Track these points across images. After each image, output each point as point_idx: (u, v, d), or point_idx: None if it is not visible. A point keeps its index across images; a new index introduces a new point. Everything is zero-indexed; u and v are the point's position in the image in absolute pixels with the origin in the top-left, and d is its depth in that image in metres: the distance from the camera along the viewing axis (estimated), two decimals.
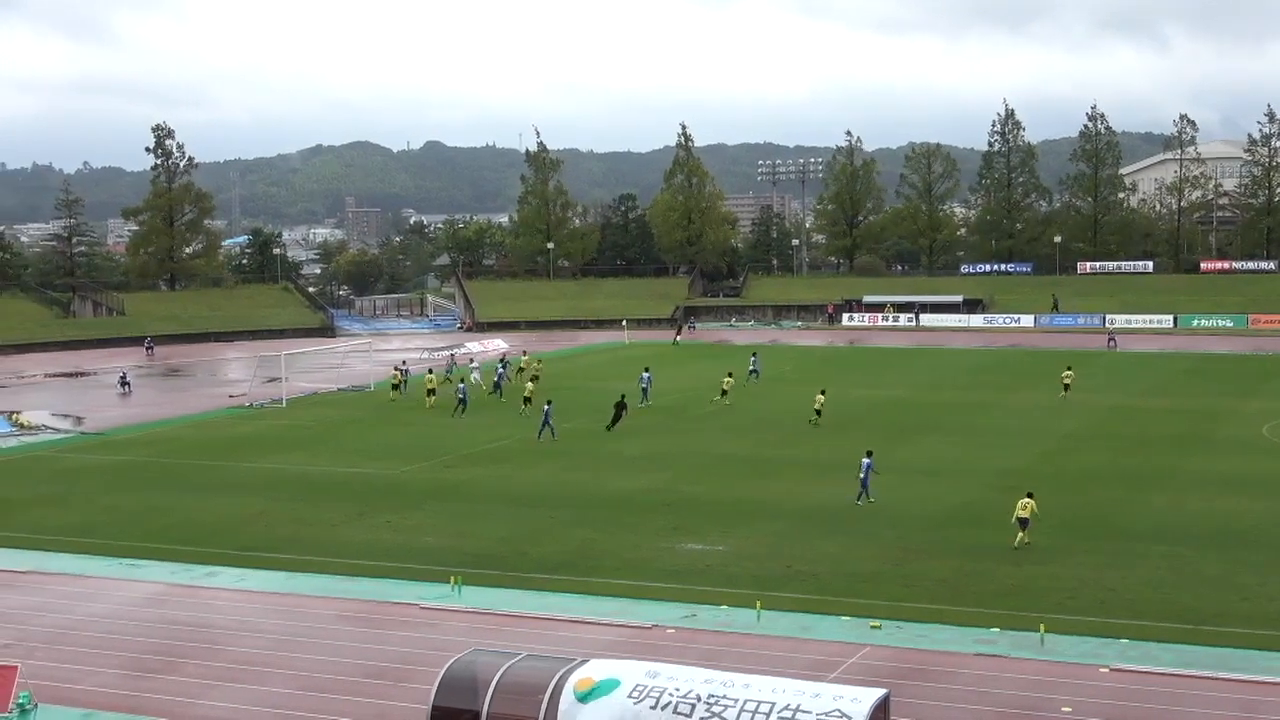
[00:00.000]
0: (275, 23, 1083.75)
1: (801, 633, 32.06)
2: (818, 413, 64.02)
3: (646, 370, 75.68)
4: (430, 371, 78.86)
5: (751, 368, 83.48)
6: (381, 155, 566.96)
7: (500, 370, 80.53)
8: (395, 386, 78.26)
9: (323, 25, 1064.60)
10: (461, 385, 73.39)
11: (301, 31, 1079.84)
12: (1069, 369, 76.11)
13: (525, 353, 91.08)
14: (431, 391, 74.56)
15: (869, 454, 46.66)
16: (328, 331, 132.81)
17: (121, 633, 32.97)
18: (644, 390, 73.13)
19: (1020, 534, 40.03)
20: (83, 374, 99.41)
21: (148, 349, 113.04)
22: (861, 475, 46.19)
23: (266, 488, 51.77)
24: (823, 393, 65.63)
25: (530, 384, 72.66)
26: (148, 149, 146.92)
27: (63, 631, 33.23)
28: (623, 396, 66.10)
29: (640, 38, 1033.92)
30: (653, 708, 22.23)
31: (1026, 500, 40.57)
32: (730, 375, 75.48)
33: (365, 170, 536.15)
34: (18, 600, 36.36)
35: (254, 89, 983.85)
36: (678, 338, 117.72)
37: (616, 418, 64.18)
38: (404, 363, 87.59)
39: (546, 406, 62.77)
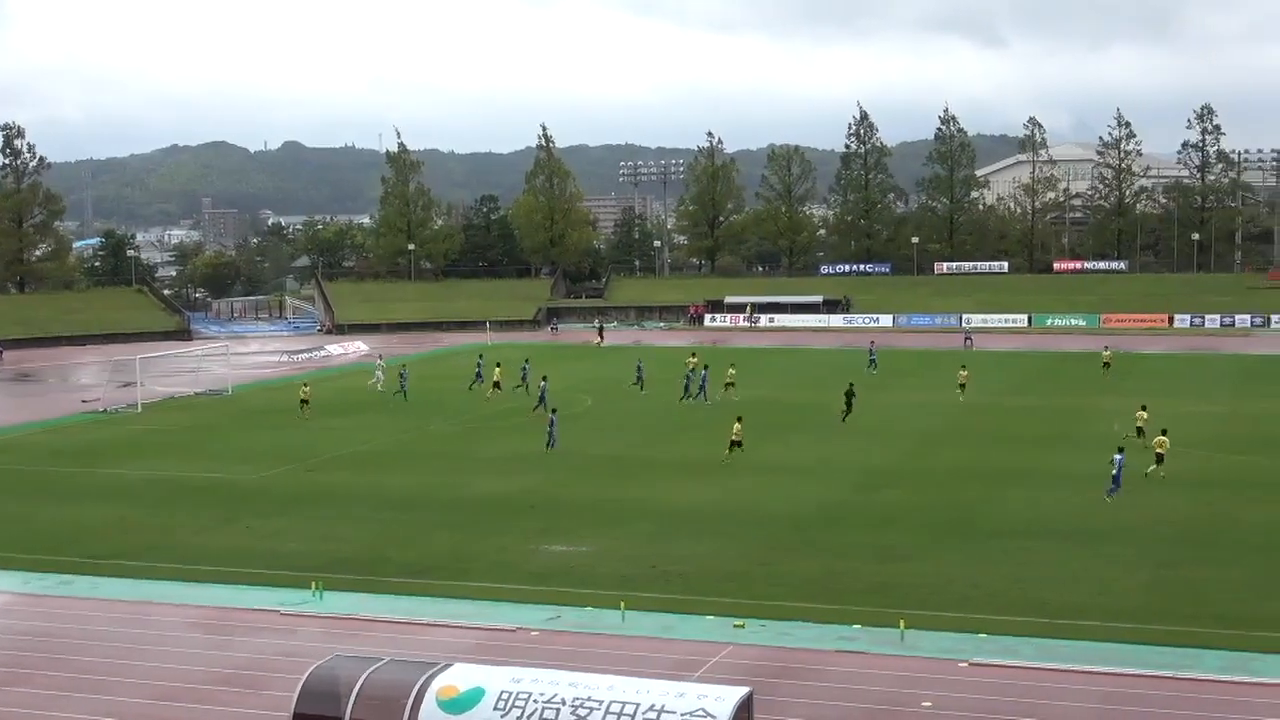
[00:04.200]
0: (111, 20, 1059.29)
1: (665, 632, 32.10)
2: (1140, 431, 57.89)
3: (705, 367, 76.97)
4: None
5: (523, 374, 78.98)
6: (239, 156, 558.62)
7: (524, 367, 79.71)
8: (304, 402, 71.58)
9: (165, 24, 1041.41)
10: (543, 383, 71.45)
11: (141, 30, 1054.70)
12: None
13: (694, 355, 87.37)
14: (305, 402, 71.17)
15: (1120, 450, 47.01)
16: (184, 335, 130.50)
17: None
18: (702, 387, 74.57)
19: (1154, 466, 48.16)
20: None
21: None
22: (1115, 471, 46.12)
23: (124, 494, 50.72)
24: (1144, 408, 59.63)
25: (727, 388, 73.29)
26: None
27: None
28: (851, 385, 67.60)
29: (495, 38, 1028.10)
30: (519, 718, 22.09)
31: (1162, 438, 49.20)
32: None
33: (222, 171, 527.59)
34: None
35: (92, 88, 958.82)
36: (600, 341, 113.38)
37: (848, 406, 65.76)
38: (306, 385, 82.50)
39: (551, 416, 60.68)
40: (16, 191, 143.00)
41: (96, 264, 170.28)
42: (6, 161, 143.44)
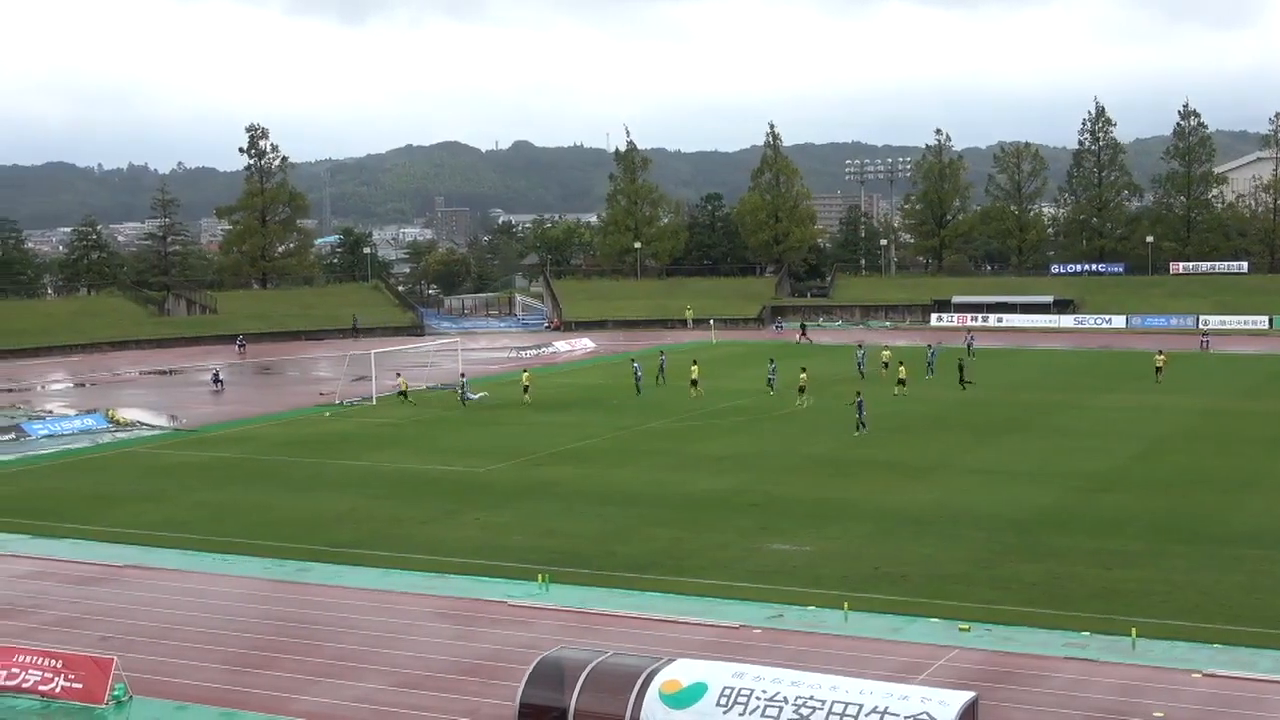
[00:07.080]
0: (348, 30, 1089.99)
1: (889, 634, 31.99)
2: None
3: (860, 346, 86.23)
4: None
5: (770, 375, 79.80)
6: (470, 155, 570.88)
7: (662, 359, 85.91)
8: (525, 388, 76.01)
9: (400, 29, 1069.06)
10: (636, 365, 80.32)
11: (377, 35, 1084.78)
12: None
13: (887, 349, 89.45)
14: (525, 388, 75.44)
15: None
16: (417, 330, 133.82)
17: (218, 627, 33.49)
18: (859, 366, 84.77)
19: None
20: (176, 371, 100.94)
21: (239, 347, 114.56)
22: None
23: (357, 485, 52.37)
24: None
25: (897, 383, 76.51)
26: (241, 149, 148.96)
27: (160, 625, 33.82)
28: (962, 358, 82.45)
29: (721, 38, 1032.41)
30: (741, 714, 22.34)
31: None
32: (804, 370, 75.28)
33: (454, 170, 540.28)
34: (117, 594, 37.09)
35: (323, 89, 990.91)
36: (800, 339, 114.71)
37: (961, 378, 78.27)
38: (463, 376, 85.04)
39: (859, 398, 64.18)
40: (262, 190, 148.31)
41: (334, 260, 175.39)
42: (252, 161, 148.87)
